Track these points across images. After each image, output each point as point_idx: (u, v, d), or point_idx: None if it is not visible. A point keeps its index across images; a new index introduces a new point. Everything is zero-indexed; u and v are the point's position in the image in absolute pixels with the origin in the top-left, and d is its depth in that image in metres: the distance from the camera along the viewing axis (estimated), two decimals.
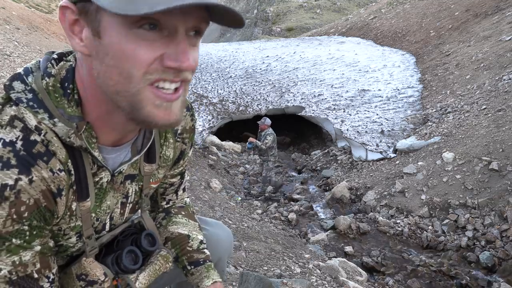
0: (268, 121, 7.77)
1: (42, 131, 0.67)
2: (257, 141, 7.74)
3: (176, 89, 0.64)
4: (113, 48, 0.58)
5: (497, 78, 8.35)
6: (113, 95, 0.63)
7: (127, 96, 0.61)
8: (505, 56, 9.02)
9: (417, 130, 8.38)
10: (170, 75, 0.61)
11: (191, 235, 1.09)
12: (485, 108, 7.37)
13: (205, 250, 1.09)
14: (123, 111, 0.65)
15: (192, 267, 1.06)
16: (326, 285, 2.92)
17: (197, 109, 11.54)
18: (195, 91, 12.86)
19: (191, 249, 1.07)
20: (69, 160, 0.72)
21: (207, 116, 11.03)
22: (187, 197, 1.19)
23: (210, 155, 9.27)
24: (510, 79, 7.92)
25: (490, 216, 5.20)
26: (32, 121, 0.66)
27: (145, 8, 0.51)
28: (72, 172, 0.73)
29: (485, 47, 10.35)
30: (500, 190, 5.36)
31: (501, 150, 5.87)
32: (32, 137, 0.66)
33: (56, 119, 0.68)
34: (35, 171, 0.66)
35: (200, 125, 10.44)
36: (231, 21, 0.60)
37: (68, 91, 0.69)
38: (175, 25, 0.57)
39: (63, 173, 0.71)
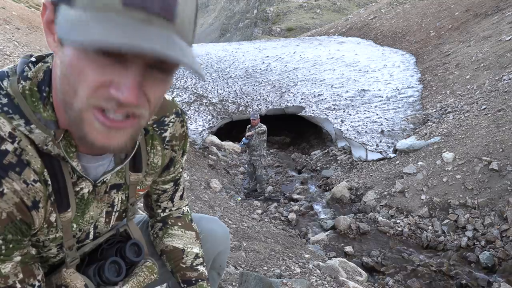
0: (258, 115, 7.89)
1: (16, 139, 0.64)
2: (253, 132, 7.73)
3: (125, 119, 0.60)
4: (68, 59, 0.56)
5: (497, 78, 8.35)
6: (63, 104, 0.61)
7: (72, 109, 0.59)
8: (505, 56, 9.02)
9: (417, 130, 8.39)
10: (114, 104, 0.57)
11: (186, 249, 1.07)
12: (485, 108, 7.37)
13: (199, 267, 1.07)
14: (69, 123, 0.63)
15: (185, 285, 1.05)
16: (326, 285, 2.92)
17: (197, 109, 11.54)
18: (195, 91, 12.87)
19: (184, 266, 1.06)
20: (45, 170, 0.69)
21: (207, 116, 11.03)
22: (186, 205, 1.15)
23: (210, 155, 9.27)
24: (510, 79, 7.92)
25: (490, 216, 5.20)
26: (5, 128, 0.63)
27: (78, 36, 0.49)
28: (49, 182, 0.70)
29: (485, 47, 10.36)
30: (500, 190, 5.36)
31: (501, 150, 5.88)
32: (3, 147, 0.62)
33: (33, 126, 0.65)
34: (6, 183, 0.62)
35: (200, 125, 10.45)
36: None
37: (44, 94, 0.66)
38: (132, 57, 0.55)
39: (38, 184, 0.68)
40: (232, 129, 12.81)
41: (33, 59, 0.70)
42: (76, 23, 0.50)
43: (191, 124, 10.41)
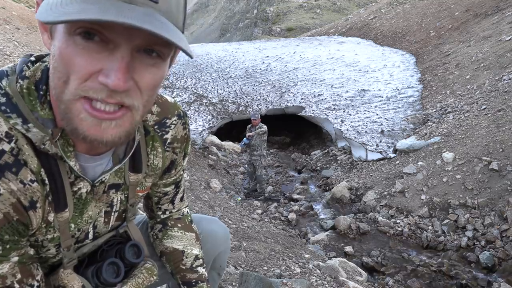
0: (259, 115, 7.92)
1: (13, 138, 0.64)
2: (254, 132, 7.74)
3: (115, 111, 0.59)
4: (58, 51, 0.56)
5: (497, 78, 8.35)
6: (56, 98, 0.60)
7: (61, 102, 0.58)
8: (505, 56, 9.02)
9: (417, 130, 8.38)
10: (104, 94, 0.56)
11: (185, 250, 1.06)
12: (485, 108, 7.37)
13: (199, 269, 1.06)
14: (61, 119, 0.61)
15: (185, 287, 1.05)
16: (326, 285, 2.92)
17: (197, 109, 11.54)
18: (195, 91, 12.87)
19: (184, 267, 1.05)
20: (42, 169, 0.68)
21: (207, 116, 11.03)
22: (186, 207, 1.15)
23: (210, 155, 9.27)
24: (510, 79, 7.92)
25: (490, 216, 5.20)
26: (2, 127, 0.63)
27: (53, 16, 0.49)
28: (47, 182, 0.70)
29: (485, 47, 10.36)
30: (500, 190, 5.36)
31: (501, 150, 5.88)
32: (0, 147, 0.62)
33: (30, 124, 0.64)
34: (3, 183, 0.62)
35: (200, 125, 10.44)
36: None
37: (41, 92, 0.66)
38: (118, 40, 0.54)
39: (35, 183, 0.67)
40: (232, 129, 12.81)
41: (32, 58, 0.70)
42: (56, 5, 0.51)
43: (191, 124, 10.41)
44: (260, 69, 14.83)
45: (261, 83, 13.29)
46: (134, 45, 0.55)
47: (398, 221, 5.85)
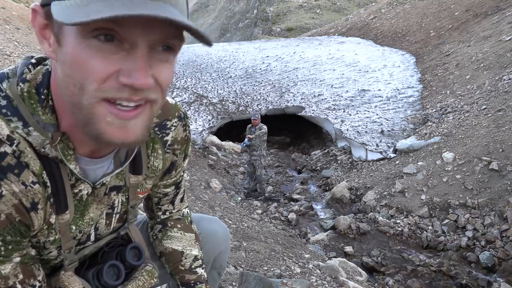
0: (259, 115, 7.96)
1: (15, 141, 0.64)
2: (254, 134, 7.76)
3: (136, 107, 0.59)
4: (69, 57, 0.55)
5: (497, 78, 8.35)
6: (71, 106, 0.59)
7: (81, 109, 0.57)
8: (505, 56, 9.02)
9: (417, 130, 8.39)
10: (126, 93, 0.56)
11: (185, 251, 1.07)
12: (485, 108, 7.37)
13: (198, 270, 1.07)
14: (79, 126, 0.61)
15: None
16: (326, 285, 2.92)
17: (197, 109, 11.54)
18: (195, 91, 12.87)
19: (183, 268, 1.06)
20: (44, 172, 0.69)
21: (207, 116, 11.03)
22: (186, 207, 1.15)
23: (210, 155, 9.27)
24: (510, 79, 7.92)
25: (490, 216, 5.20)
26: (4, 130, 0.63)
27: (80, 17, 0.48)
28: (48, 184, 0.70)
29: (485, 47, 10.35)
30: (500, 190, 5.36)
31: (501, 150, 5.88)
32: (2, 149, 0.63)
33: (31, 128, 0.65)
34: (5, 185, 0.63)
35: (200, 125, 10.45)
36: (200, 37, 0.55)
37: (43, 96, 0.66)
38: (134, 39, 0.53)
39: (37, 185, 0.68)
40: (232, 129, 12.81)
41: (33, 60, 0.70)
42: (76, 7, 0.51)
43: (191, 124, 10.36)
44: (260, 69, 14.83)
45: (261, 83, 13.29)
46: (150, 41, 0.55)
47: (398, 221, 5.85)
